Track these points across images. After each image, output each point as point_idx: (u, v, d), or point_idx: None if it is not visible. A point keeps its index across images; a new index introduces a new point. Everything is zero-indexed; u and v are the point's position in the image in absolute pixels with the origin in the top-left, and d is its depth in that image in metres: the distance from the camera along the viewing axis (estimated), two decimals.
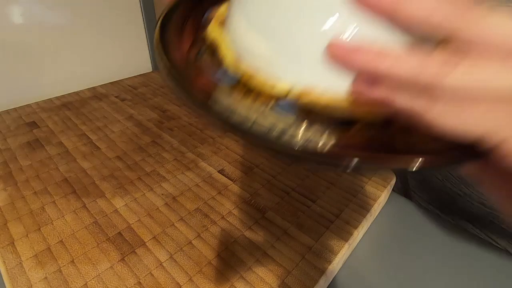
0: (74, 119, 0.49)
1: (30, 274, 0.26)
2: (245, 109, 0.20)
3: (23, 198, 0.34)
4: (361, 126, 0.19)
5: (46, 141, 0.43)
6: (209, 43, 0.25)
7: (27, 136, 0.44)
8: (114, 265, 0.28)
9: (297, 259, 0.28)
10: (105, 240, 0.30)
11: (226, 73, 0.22)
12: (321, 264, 0.27)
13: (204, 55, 0.24)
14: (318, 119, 0.19)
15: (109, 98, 0.56)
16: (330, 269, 0.27)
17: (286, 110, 0.20)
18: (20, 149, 0.41)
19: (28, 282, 0.26)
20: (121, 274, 0.27)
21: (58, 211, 0.32)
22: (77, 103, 0.54)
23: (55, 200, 0.34)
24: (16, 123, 0.47)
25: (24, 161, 0.39)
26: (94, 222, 0.31)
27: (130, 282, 0.26)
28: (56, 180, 0.37)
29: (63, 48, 0.61)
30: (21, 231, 0.30)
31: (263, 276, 0.27)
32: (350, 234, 0.30)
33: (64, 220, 0.32)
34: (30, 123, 0.47)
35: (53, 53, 0.60)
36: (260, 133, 0.18)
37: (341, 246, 0.29)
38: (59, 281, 0.26)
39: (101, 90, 0.59)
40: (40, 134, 0.44)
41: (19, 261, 0.27)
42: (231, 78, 0.22)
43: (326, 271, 0.27)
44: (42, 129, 0.46)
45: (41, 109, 0.52)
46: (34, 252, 0.28)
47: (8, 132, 0.45)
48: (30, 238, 0.29)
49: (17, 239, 0.29)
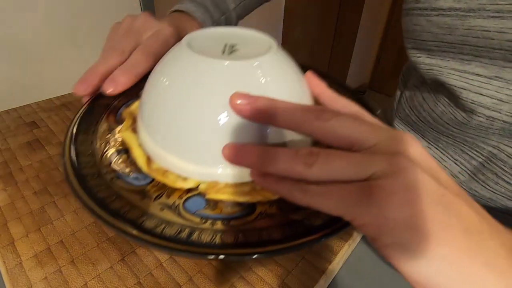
0: None
1: (30, 274, 0.26)
2: (156, 212, 0.21)
3: (23, 198, 0.34)
4: (263, 210, 0.22)
5: (46, 141, 0.43)
6: (122, 145, 0.26)
7: (27, 136, 0.44)
8: (114, 265, 0.28)
9: (297, 259, 0.28)
10: (105, 240, 0.30)
11: (139, 175, 0.24)
12: (321, 264, 0.27)
13: (118, 157, 0.25)
14: (225, 209, 0.22)
15: None
16: (330, 269, 0.27)
17: (196, 205, 0.22)
18: (20, 149, 0.41)
19: (28, 282, 0.26)
20: (121, 274, 0.27)
21: (58, 211, 0.32)
22: (77, 103, 0.54)
23: (55, 200, 0.34)
24: (16, 123, 0.47)
25: (24, 161, 0.39)
26: (94, 222, 0.31)
27: (130, 282, 0.26)
28: (56, 180, 0.37)
29: (63, 48, 0.61)
30: (21, 231, 0.30)
31: (263, 276, 0.27)
32: (350, 234, 0.30)
33: (64, 220, 0.32)
34: (30, 123, 0.47)
35: (53, 53, 0.60)
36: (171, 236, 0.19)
37: (341, 246, 0.29)
38: (59, 281, 0.26)
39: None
40: (40, 134, 0.44)
41: (19, 261, 0.27)
42: (143, 179, 0.24)
43: (326, 271, 0.27)
44: (42, 129, 0.46)
45: (41, 109, 0.52)
46: (34, 252, 0.28)
47: (8, 132, 0.45)
48: (30, 238, 0.29)
49: (17, 239, 0.29)
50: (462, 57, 0.32)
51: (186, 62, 0.24)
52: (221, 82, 0.22)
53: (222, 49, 0.25)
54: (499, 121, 0.31)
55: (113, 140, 0.27)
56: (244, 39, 0.27)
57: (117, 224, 0.19)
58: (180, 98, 0.23)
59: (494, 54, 0.29)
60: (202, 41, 0.26)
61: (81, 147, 0.25)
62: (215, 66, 0.22)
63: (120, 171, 0.24)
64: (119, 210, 0.20)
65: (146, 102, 0.26)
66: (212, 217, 0.21)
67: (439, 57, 0.34)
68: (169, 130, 0.23)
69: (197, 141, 0.23)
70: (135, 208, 0.21)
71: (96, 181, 0.22)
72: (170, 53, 0.26)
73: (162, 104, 0.24)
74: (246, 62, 0.23)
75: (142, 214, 0.21)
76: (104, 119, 0.28)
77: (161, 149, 0.24)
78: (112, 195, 0.22)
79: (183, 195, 0.23)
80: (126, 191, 0.22)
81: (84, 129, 0.27)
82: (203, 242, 0.19)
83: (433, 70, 0.35)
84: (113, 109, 0.30)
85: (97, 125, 0.28)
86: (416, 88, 0.42)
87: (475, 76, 0.31)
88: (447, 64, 0.33)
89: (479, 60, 0.31)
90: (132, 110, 0.29)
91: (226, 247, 0.19)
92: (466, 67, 0.32)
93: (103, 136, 0.27)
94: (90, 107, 0.29)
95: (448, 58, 0.33)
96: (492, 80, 0.30)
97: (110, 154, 0.25)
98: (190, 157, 0.23)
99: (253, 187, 0.23)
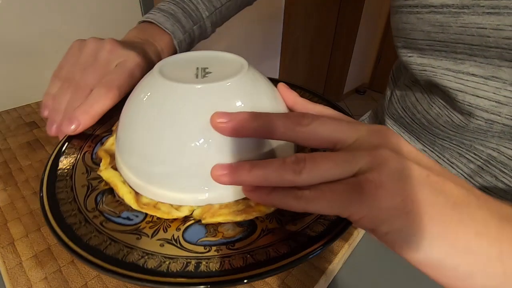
0: None
1: (30, 274, 0.26)
2: (155, 248, 0.20)
3: (23, 198, 0.34)
4: (264, 226, 0.22)
5: (46, 141, 0.43)
6: (105, 185, 0.25)
7: (27, 136, 0.44)
8: None
9: None
10: None
11: (129, 213, 0.23)
12: (321, 264, 0.27)
13: (103, 198, 0.24)
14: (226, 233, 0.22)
15: None
16: (330, 269, 0.27)
17: (197, 234, 0.22)
18: (20, 149, 0.41)
19: (28, 282, 0.26)
20: None
21: None
22: None
23: None
24: (16, 123, 0.47)
25: (24, 161, 0.39)
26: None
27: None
28: None
29: (63, 48, 0.61)
30: (21, 231, 0.30)
31: None
32: (350, 234, 0.30)
33: None
34: (30, 123, 0.47)
35: (53, 53, 0.60)
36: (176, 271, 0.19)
37: (341, 246, 0.29)
38: (59, 281, 0.26)
39: None
40: (40, 134, 0.44)
41: (19, 261, 0.27)
42: (135, 216, 0.23)
43: (326, 271, 0.27)
44: (42, 129, 0.46)
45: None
46: (34, 252, 0.28)
47: (8, 132, 0.45)
48: (30, 238, 0.29)
49: (17, 239, 0.29)
50: (456, 56, 0.31)
51: (159, 91, 0.23)
52: (196, 107, 0.22)
53: (195, 73, 0.25)
54: (499, 124, 0.30)
55: (94, 182, 0.25)
56: (216, 62, 0.27)
57: (118, 270, 0.18)
58: (157, 129, 0.22)
59: (490, 53, 0.28)
60: (174, 67, 0.26)
61: (60, 195, 0.23)
62: (189, 91, 0.22)
63: (108, 213, 0.23)
64: (117, 255, 0.19)
65: (123, 138, 0.25)
66: (215, 243, 0.21)
67: (431, 56, 0.33)
68: (152, 163, 0.23)
69: (182, 169, 0.22)
70: (133, 249, 0.20)
71: (85, 229, 0.21)
72: (142, 83, 0.26)
73: (140, 138, 0.23)
74: (219, 84, 0.23)
75: (142, 254, 0.20)
76: (79, 161, 0.27)
77: (146, 183, 0.23)
78: (105, 240, 0.20)
79: (181, 226, 0.22)
80: (119, 233, 0.21)
81: (60, 174, 0.25)
82: (213, 271, 0.19)
83: (426, 71, 0.34)
84: (88, 149, 0.28)
85: (73, 168, 0.26)
86: (407, 87, 0.41)
87: (470, 76, 0.30)
88: (440, 64, 0.32)
89: (474, 59, 0.30)
90: (107, 148, 0.28)
91: (237, 271, 0.19)
92: (460, 67, 0.31)
93: (82, 179, 0.25)
94: (62, 151, 0.28)
95: (441, 57, 0.32)
96: (489, 81, 0.30)
97: (93, 196, 0.24)
98: (178, 186, 0.23)
99: (247, 204, 0.23)
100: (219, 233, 0.22)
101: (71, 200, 0.23)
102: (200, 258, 0.20)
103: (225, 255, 0.20)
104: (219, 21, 0.50)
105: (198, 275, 0.18)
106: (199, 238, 0.21)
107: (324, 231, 0.21)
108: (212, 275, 0.18)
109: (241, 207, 0.23)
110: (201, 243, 0.21)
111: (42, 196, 0.23)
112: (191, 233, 0.22)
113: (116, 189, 0.24)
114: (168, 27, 0.41)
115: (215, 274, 0.18)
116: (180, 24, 0.43)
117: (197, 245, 0.21)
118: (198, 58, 0.27)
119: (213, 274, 0.18)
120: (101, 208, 0.23)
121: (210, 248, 0.20)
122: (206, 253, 0.20)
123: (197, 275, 0.18)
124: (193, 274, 0.18)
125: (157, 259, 0.19)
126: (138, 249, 0.20)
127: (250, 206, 0.23)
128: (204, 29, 0.47)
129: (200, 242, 0.21)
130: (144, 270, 0.19)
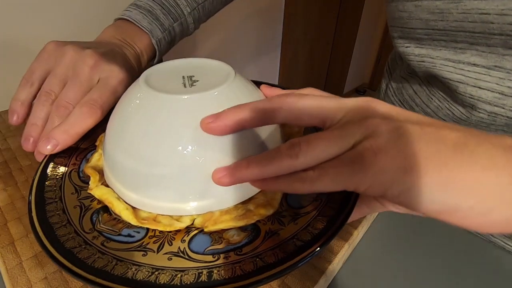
0: None
1: (30, 274, 0.26)
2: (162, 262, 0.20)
3: (23, 198, 0.34)
4: (267, 229, 0.22)
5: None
6: (98, 204, 0.24)
7: None
8: None
9: None
10: None
11: (130, 230, 0.22)
12: (321, 264, 0.27)
13: (99, 217, 0.23)
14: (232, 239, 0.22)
15: None
16: (330, 269, 0.27)
17: (203, 243, 0.21)
18: (20, 149, 0.41)
19: (28, 282, 0.26)
20: None
21: None
22: None
23: None
24: None
25: (24, 161, 0.39)
26: None
27: None
28: None
29: None
30: (21, 231, 0.30)
31: None
32: (350, 234, 0.30)
33: None
34: None
35: None
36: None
37: (341, 246, 0.29)
38: (59, 281, 0.26)
39: None
40: None
41: (19, 261, 0.27)
42: (137, 232, 0.22)
43: (326, 271, 0.27)
44: None
45: None
46: (34, 252, 0.28)
47: (8, 132, 0.45)
48: (30, 238, 0.29)
49: (17, 239, 0.29)
50: (456, 45, 0.29)
51: (149, 103, 0.23)
52: (186, 116, 0.22)
53: (182, 82, 0.24)
54: (503, 117, 0.29)
55: (86, 201, 0.24)
56: (202, 70, 0.26)
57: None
58: (150, 141, 0.22)
59: (493, 41, 0.27)
60: (160, 77, 0.25)
61: (53, 219, 0.22)
62: (177, 102, 0.22)
63: (107, 232, 0.22)
64: (126, 275, 0.19)
65: (113, 154, 0.24)
66: (223, 251, 0.21)
67: (430, 46, 0.32)
68: (147, 176, 0.23)
69: (178, 179, 0.22)
70: (141, 266, 0.19)
71: (86, 252, 0.20)
72: (129, 95, 0.25)
73: (133, 152, 0.23)
74: (206, 94, 0.23)
75: (152, 270, 0.19)
76: (66, 181, 0.26)
77: (143, 197, 0.23)
78: (110, 261, 0.20)
79: (185, 237, 0.22)
80: (123, 251, 0.21)
81: (48, 197, 0.24)
82: (227, 278, 0.19)
83: (424, 62, 0.32)
84: (73, 167, 0.27)
85: (61, 189, 0.25)
86: (404, 80, 0.40)
87: (472, 66, 0.29)
88: (439, 54, 0.31)
89: (475, 48, 0.28)
90: (93, 165, 0.27)
91: (250, 275, 0.19)
92: (461, 57, 0.29)
93: (72, 200, 0.24)
94: (46, 172, 0.27)
95: (440, 47, 0.31)
96: (491, 71, 0.28)
97: (88, 217, 0.23)
98: (176, 196, 0.23)
99: (247, 209, 0.23)
100: (225, 240, 0.21)
101: (66, 223, 0.22)
102: (211, 267, 0.19)
103: (235, 261, 0.20)
104: (203, 17, 0.47)
105: (213, 284, 0.18)
106: (205, 248, 0.21)
107: (324, 228, 0.21)
108: (226, 283, 0.18)
109: (242, 211, 0.23)
110: (208, 252, 0.21)
111: (32, 219, 0.22)
112: (196, 243, 0.21)
113: (111, 207, 0.23)
114: (145, 25, 0.39)
115: (230, 281, 0.18)
116: (158, 21, 0.41)
117: (205, 255, 0.20)
118: (184, 66, 0.27)
119: (228, 281, 0.18)
120: (99, 228, 0.22)
121: (219, 256, 0.20)
122: (215, 261, 0.20)
123: (212, 284, 0.18)
124: (208, 284, 0.18)
125: (168, 274, 0.19)
126: (147, 266, 0.20)
127: (250, 210, 0.23)
128: (185, 26, 0.44)
129: (208, 251, 0.21)
130: (158, 286, 0.18)
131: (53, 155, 0.28)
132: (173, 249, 0.21)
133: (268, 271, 0.19)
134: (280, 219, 0.23)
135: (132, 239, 0.22)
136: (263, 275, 0.18)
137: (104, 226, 0.22)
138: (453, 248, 0.32)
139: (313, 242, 0.20)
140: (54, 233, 0.21)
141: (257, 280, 0.18)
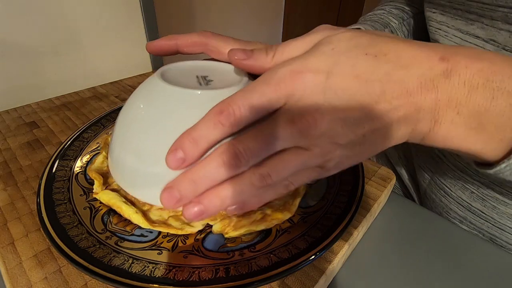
0: (74, 119, 0.49)
1: (30, 274, 0.26)
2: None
3: (23, 198, 0.34)
4: (278, 227, 0.23)
5: (46, 141, 0.43)
6: (107, 208, 0.24)
7: (27, 136, 0.44)
8: None
9: None
10: None
11: (142, 230, 0.23)
12: (321, 264, 0.27)
13: (110, 219, 0.24)
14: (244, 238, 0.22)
15: (109, 98, 0.56)
16: (330, 269, 0.27)
17: (216, 242, 0.22)
18: (20, 149, 0.41)
19: (28, 282, 0.26)
20: None
21: None
22: (77, 103, 0.54)
23: None
24: (16, 123, 0.47)
25: (24, 161, 0.39)
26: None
27: None
28: None
29: (63, 48, 0.61)
30: (21, 231, 0.30)
31: None
32: (350, 234, 0.30)
33: None
34: (30, 123, 0.47)
35: (53, 53, 0.60)
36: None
37: (341, 246, 0.29)
38: (59, 281, 0.26)
39: (101, 90, 0.59)
40: (40, 134, 0.44)
41: (19, 261, 0.27)
42: (149, 232, 0.23)
43: (326, 271, 0.27)
44: (42, 129, 0.46)
45: (41, 109, 0.52)
46: (34, 252, 0.28)
47: (8, 132, 0.45)
48: (30, 238, 0.29)
49: (17, 239, 0.29)
50: (468, 16, 0.30)
51: (166, 98, 0.23)
52: (200, 113, 0.21)
53: (197, 81, 0.25)
54: None
55: (95, 203, 0.24)
56: (215, 71, 0.27)
57: (153, 287, 0.18)
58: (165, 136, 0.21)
59: (496, 13, 0.27)
60: (175, 74, 0.25)
61: (64, 220, 0.23)
62: (192, 97, 0.22)
63: (120, 232, 0.22)
64: (143, 272, 0.19)
65: (123, 158, 0.23)
66: (237, 248, 0.21)
67: (450, 14, 0.33)
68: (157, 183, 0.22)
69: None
70: (158, 264, 0.20)
71: (102, 252, 0.21)
72: (142, 89, 0.25)
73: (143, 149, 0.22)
74: (221, 91, 0.23)
75: (170, 268, 0.20)
76: (73, 183, 0.26)
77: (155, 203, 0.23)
78: (127, 259, 0.20)
79: (198, 236, 0.22)
80: (138, 250, 0.21)
81: (58, 199, 0.25)
82: (244, 273, 0.19)
83: (441, 30, 0.34)
84: (79, 170, 0.27)
85: (69, 191, 0.25)
86: None
87: (474, 38, 0.30)
88: (455, 24, 0.32)
89: (482, 21, 0.29)
90: (97, 167, 0.27)
91: (266, 270, 0.19)
92: (469, 28, 0.30)
93: (81, 201, 0.24)
94: (53, 174, 0.27)
95: (457, 16, 0.32)
96: (487, 44, 0.29)
97: (99, 218, 0.23)
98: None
99: (264, 213, 0.24)
100: (238, 238, 0.22)
101: (77, 224, 0.23)
102: (227, 263, 0.20)
103: (250, 258, 0.20)
104: None
105: (231, 279, 0.19)
106: (220, 246, 0.22)
107: (333, 224, 0.23)
108: (244, 277, 0.19)
109: (259, 215, 0.23)
110: (223, 250, 0.21)
111: (43, 220, 0.22)
112: (210, 241, 0.22)
113: (120, 211, 0.24)
114: None
115: (247, 276, 0.19)
116: None
117: (219, 252, 0.21)
118: (196, 67, 0.27)
119: (245, 276, 0.19)
120: (112, 228, 0.23)
121: (234, 253, 0.21)
122: (230, 258, 0.20)
123: (230, 279, 0.19)
124: (226, 279, 0.19)
125: (186, 271, 0.19)
126: (164, 264, 0.20)
127: (267, 214, 0.24)
128: None
129: (222, 249, 0.21)
130: (178, 282, 0.19)
131: (60, 156, 0.28)
132: (188, 247, 0.21)
133: (283, 266, 0.20)
134: (290, 218, 0.24)
135: (145, 239, 0.22)
136: (279, 269, 0.19)
137: (116, 226, 0.23)
138: (453, 248, 0.32)
139: (324, 237, 0.21)
140: (66, 234, 0.22)
141: (273, 274, 0.19)
